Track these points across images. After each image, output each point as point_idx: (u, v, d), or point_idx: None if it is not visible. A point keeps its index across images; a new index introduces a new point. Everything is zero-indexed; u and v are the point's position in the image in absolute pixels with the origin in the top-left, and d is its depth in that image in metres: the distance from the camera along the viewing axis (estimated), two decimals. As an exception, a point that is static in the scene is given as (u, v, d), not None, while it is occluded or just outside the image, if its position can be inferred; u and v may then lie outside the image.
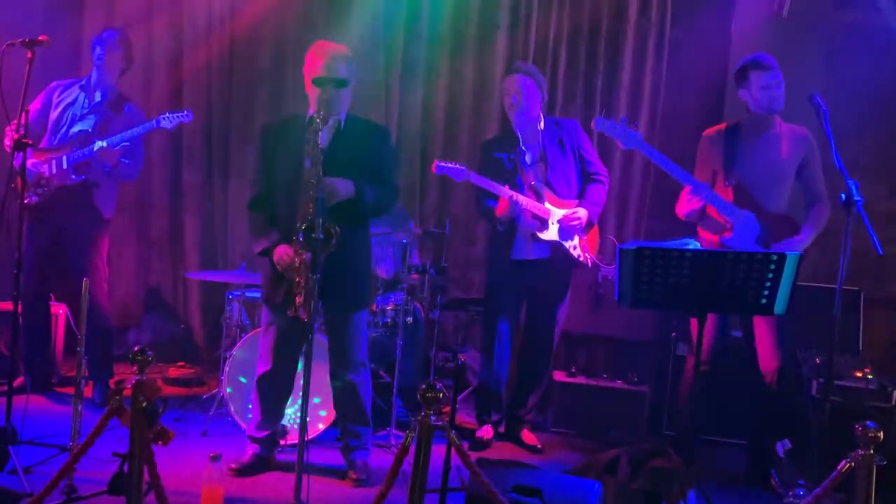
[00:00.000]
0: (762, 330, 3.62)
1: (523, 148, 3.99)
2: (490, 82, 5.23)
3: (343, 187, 3.19)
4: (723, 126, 3.75)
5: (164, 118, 3.99)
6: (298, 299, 3.05)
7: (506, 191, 3.84)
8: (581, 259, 4.02)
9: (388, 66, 5.29)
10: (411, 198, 5.27)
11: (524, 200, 3.85)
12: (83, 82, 4.21)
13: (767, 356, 3.62)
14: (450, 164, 3.89)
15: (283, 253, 3.20)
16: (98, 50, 4.13)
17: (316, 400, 3.69)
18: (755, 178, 3.58)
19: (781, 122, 3.64)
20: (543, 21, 5.18)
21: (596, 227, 4.17)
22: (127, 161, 4.09)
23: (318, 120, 2.96)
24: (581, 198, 4.03)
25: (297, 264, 3.10)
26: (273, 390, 3.47)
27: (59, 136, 4.12)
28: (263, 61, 5.33)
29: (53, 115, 4.15)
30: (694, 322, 3.60)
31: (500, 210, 3.90)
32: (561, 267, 4.03)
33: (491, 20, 5.20)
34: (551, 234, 3.92)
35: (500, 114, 5.19)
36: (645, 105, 5.09)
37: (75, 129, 4.09)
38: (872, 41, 4.59)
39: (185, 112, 4.03)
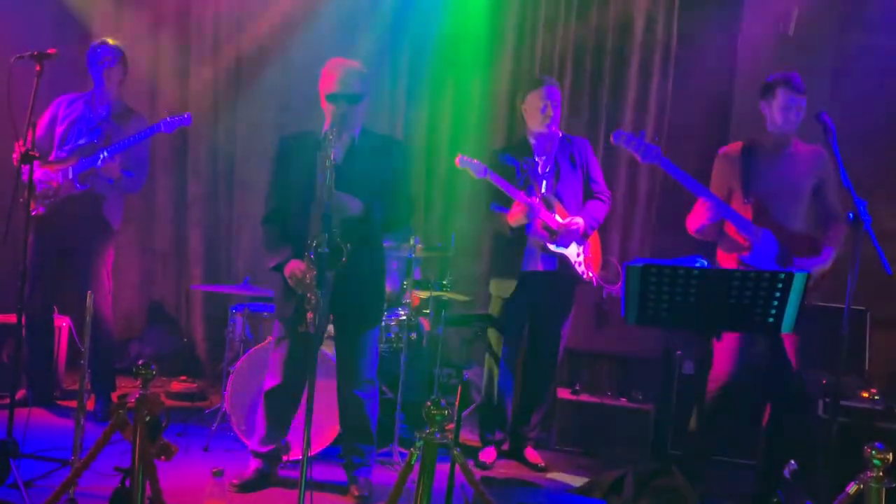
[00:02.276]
0: (790, 351, 3.59)
1: (536, 158, 3.99)
2: (496, 98, 5.25)
3: (353, 205, 3.19)
4: (739, 144, 3.72)
5: (163, 123, 3.99)
6: (309, 315, 3.04)
7: (523, 196, 3.83)
8: (585, 277, 4.01)
9: (393, 82, 5.31)
10: (416, 213, 5.26)
11: (539, 209, 3.85)
12: (87, 97, 4.22)
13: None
14: (471, 160, 3.90)
15: (294, 268, 3.19)
16: (98, 66, 4.14)
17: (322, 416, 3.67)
18: (774, 196, 3.55)
19: (798, 142, 3.63)
20: (549, 37, 5.20)
21: (598, 245, 4.16)
22: (130, 174, 4.10)
23: (330, 136, 2.96)
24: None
25: (308, 280, 3.09)
26: (281, 405, 3.45)
27: (65, 149, 4.12)
28: (270, 75, 5.35)
29: (60, 129, 4.16)
30: (715, 343, 3.58)
31: (514, 216, 3.89)
32: (566, 282, 4.02)
33: (496, 36, 5.22)
34: (557, 245, 3.91)
35: (506, 129, 5.21)
36: (650, 121, 5.09)
37: (82, 140, 4.10)
38: (878, 60, 4.59)
39: (185, 115, 4.03)
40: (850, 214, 3.06)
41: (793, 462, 3.66)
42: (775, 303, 2.85)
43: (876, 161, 4.46)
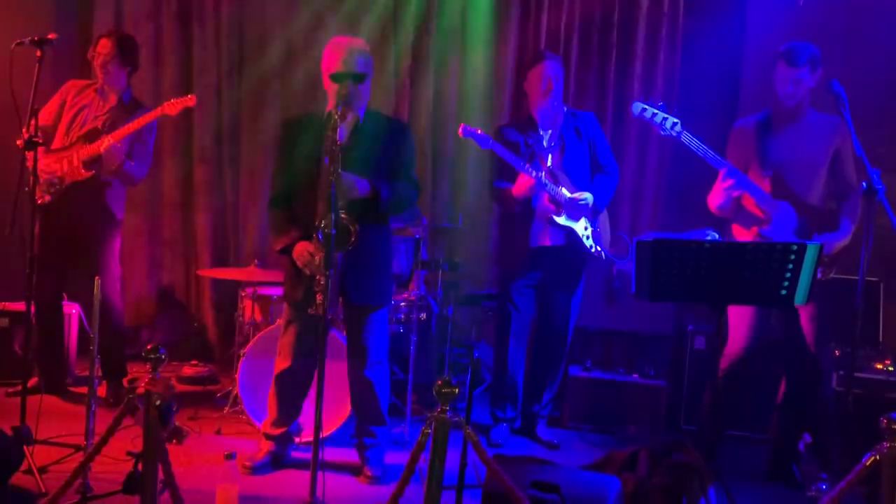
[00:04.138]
0: (805, 324, 3.56)
1: (541, 133, 3.96)
2: (501, 74, 5.20)
3: (360, 185, 3.16)
4: (754, 118, 3.68)
5: (167, 105, 3.96)
6: (318, 297, 3.02)
7: (529, 169, 3.80)
8: (594, 252, 3.98)
9: (397, 60, 5.26)
10: (423, 192, 5.23)
11: (545, 182, 3.81)
12: (98, 86, 4.19)
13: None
14: (476, 131, 3.86)
15: (303, 250, 3.18)
16: (97, 61, 4.11)
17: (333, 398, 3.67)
18: (791, 168, 3.50)
19: (813, 112, 3.58)
20: (555, 11, 5.13)
21: (606, 220, 4.13)
22: (132, 164, 4.06)
23: (335, 116, 2.93)
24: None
25: (317, 262, 3.07)
26: (292, 388, 3.45)
27: (70, 136, 4.10)
28: (273, 57, 5.30)
29: (68, 115, 4.13)
30: (730, 319, 3.54)
31: (519, 189, 3.85)
32: (575, 257, 4.00)
33: (501, 12, 5.16)
34: (565, 218, 3.88)
35: (512, 106, 5.16)
36: (658, 95, 5.01)
37: (87, 127, 4.08)
38: (891, 28, 4.51)
39: (189, 97, 3.99)
40: (864, 184, 3.01)
41: (807, 435, 3.64)
42: (788, 275, 2.82)
43: (890, 130, 4.40)
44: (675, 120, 3.44)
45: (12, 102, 3.23)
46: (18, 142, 3.42)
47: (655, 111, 3.45)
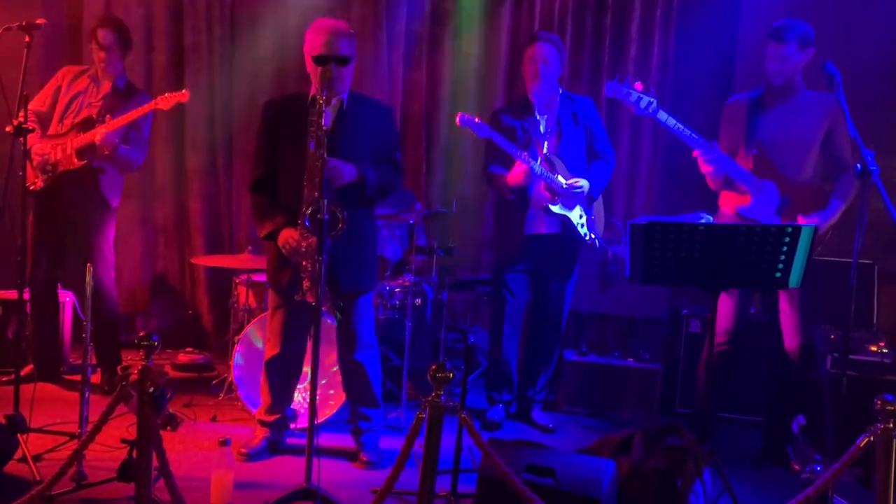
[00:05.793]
0: (785, 308, 3.56)
1: (538, 117, 3.93)
2: (495, 58, 5.17)
3: (347, 171, 3.14)
4: (746, 94, 3.67)
5: (161, 99, 3.93)
6: (305, 283, 3.01)
7: (525, 157, 3.78)
8: (588, 240, 3.96)
9: (391, 44, 5.23)
10: (417, 178, 5.22)
11: (541, 171, 3.79)
12: (92, 73, 4.15)
13: (790, 335, 3.56)
14: (473, 119, 3.81)
15: (288, 237, 3.15)
16: (97, 51, 4.07)
17: (325, 383, 3.66)
18: (777, 146, 3.48)
19: (807, 90, 3.56)
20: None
21: (601, 206, 4.12)
22: (129, 151, 4.03)
23: (320, 100, 2.90)
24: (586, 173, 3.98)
25: (303, 248, 3.06)
26: (282, 374, 3.44)
27: (64, 123, 4.07)
28: (265, 43, 5.26)
29: (62, 101, 4.10)
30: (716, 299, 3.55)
31: (514, 178, 3.84)
32: (569, 244, 3.99)
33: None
34: (560, 206, 3.87)
35: (506, 89, 5.14)
36: (653, 78, 5.00)
37: (82, 115, 4.05)
38: (885, 10, 4.49)
39: (182, 91, 3.96)
40: (858, 165, 3.00)
41: (801, 418, 3.65)
42: (782, 257, 2.82)
43: (885, 112, 4.40)
44: (650, 99, 3.42)
45: (0, 88, 3.20)
46: (8, 128, 3.39)
47: (629, 90, 3.42)
